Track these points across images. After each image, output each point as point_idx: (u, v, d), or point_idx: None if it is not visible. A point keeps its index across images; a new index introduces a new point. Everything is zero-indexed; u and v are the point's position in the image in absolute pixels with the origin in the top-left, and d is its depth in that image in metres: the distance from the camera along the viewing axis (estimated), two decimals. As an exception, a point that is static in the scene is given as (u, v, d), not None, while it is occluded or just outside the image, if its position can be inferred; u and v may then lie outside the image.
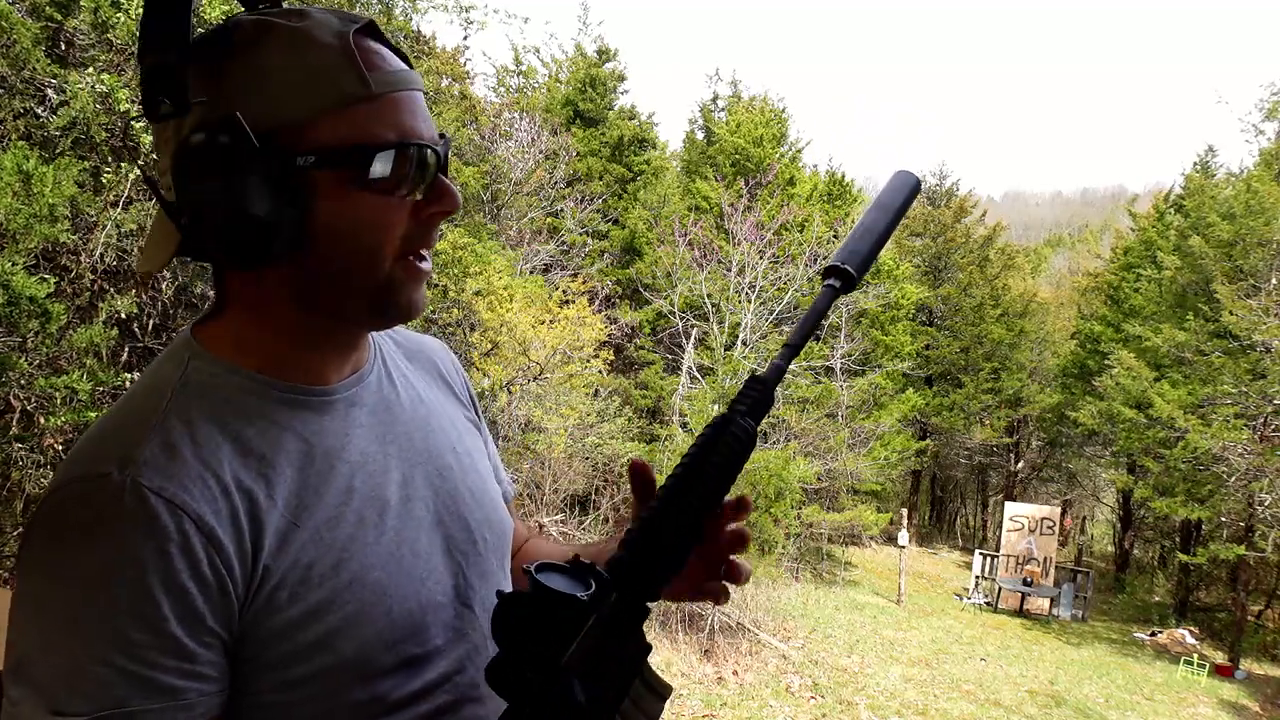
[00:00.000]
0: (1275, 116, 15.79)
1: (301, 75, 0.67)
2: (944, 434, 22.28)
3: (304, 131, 0.67)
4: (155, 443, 0.67)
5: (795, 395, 15.02)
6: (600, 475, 12.69)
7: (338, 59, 0.68)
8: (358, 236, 0.70)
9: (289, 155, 0.67)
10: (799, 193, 17.15)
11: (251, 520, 0.69)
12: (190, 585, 0.64)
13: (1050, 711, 9.52)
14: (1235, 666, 12.91)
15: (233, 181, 0.65)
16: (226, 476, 0.69)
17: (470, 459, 0.90)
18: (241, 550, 0.68)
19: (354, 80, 0.68)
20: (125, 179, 4.60)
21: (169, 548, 0.63)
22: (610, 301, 14.81)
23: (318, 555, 0.72)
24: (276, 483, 0.71)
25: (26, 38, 4.16)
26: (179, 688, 0.64)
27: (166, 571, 0.63)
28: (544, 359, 10.12)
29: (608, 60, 17.97)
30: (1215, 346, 14.09)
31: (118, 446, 0.67)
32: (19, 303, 3.71)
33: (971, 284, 22.54)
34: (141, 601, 0.62)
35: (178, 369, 0.73)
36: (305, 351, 0.76)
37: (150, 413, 0.69)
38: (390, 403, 0.84)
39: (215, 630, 0.66)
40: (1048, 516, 16.61)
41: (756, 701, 8.10)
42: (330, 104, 0.67)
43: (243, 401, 0.73)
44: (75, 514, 0.64)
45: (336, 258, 0.71)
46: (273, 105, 0.67)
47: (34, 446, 4.23)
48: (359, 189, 0.69)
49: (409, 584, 0.77)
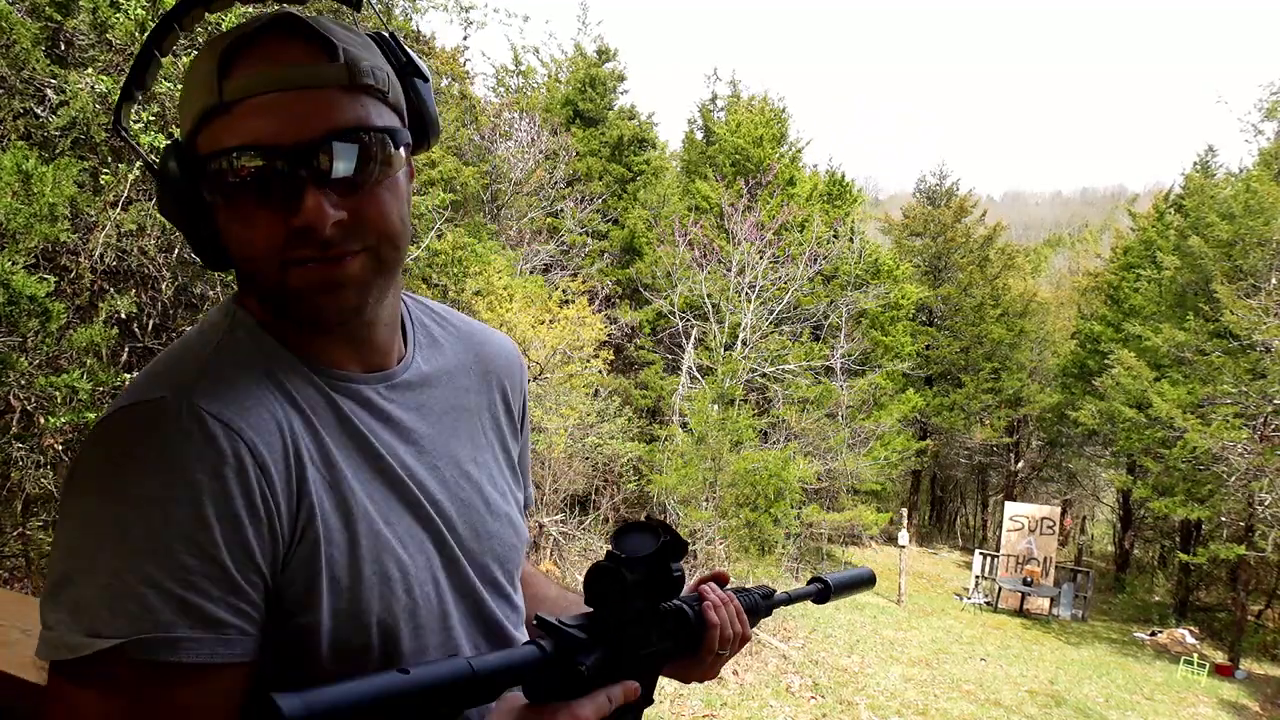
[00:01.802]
0: (1275, 116, 15.80)
1: (184, 94, 0.72)
2: (944, 434, 22.28)
3: (192, 147, 0.70)
4: (210, 375, 0.68)
5: (795, 395, 15.03)
6: (600, 475, 12.70)
7: (204, 73, 0.69)
8: (237, 249, 0.72)
9: (186, 169, 0.71)
10: (799, 193, 17.15)
11: (298, 463, 0.68)
12: (243, 514, 0.63)
13: (1050, 711, 9.52)
14: (1235, 666, 12.90)
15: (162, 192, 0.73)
16: (279, 414, 0.69)
17: (491, 470, 0.89)
18: (289, 491, 0.67)
19: (208, 93, 0.68)
20: (125, 179, 4.60)
21: (225, 471, 0.63)
22: (610, 301, 14.82)
23: (347, 522, 0.71)
24: (319, 442, 0.71)
25: (26, 38, 4.16)
26: (224, 620, 0.62)
27: (221, 496, 0.62)
28: (544, 359, 10.12)
29: (607, 60, 17.97)
30: (1215, 346, 14.09)
31: (172, 376, 0.68)
32: (19, 302, 3.71)
33: (971, 284, 22.54)
34: (195, 524, 0.61)
35: (226, 319, 0.75)
36: (311, 336, 0.76)
37: (203, 349, 0.71)
38: (422, 403, 0.83)
39: (260, 569, 0.65)
40: (1048, 516, 16.61)
41: (757, 701, 8.10)
42: (194, 116, 0.69)
43: (286, 360, 0.74)
44: (130, 435, 0.63)
45: (240, 268, 0.74)
46: (179, 130, 0.73)
47: (34, 446, 4.23)
48: (224, 201, 0.69)
49: (421, 576, 0.77)
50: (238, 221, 0.69)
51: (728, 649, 0.89)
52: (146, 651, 0.59)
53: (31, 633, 1.36)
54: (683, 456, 12.20)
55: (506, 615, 0.86)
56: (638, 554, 0.75)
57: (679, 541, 0.75)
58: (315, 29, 0.70)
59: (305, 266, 0.69)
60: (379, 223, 0.72)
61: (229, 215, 0.70)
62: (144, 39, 0.74)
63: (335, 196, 0.68)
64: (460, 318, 0.96)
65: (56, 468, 4.55)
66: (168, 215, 0.73)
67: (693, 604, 0.87)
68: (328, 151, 0.67)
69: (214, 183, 0.68)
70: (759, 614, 0.98)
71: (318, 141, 0.67)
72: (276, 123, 0.67)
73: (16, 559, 4.74)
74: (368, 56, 0.72)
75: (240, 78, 0.67)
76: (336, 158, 0.68)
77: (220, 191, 0.69)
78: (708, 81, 34.28)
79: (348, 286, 0.71)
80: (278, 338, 0.75)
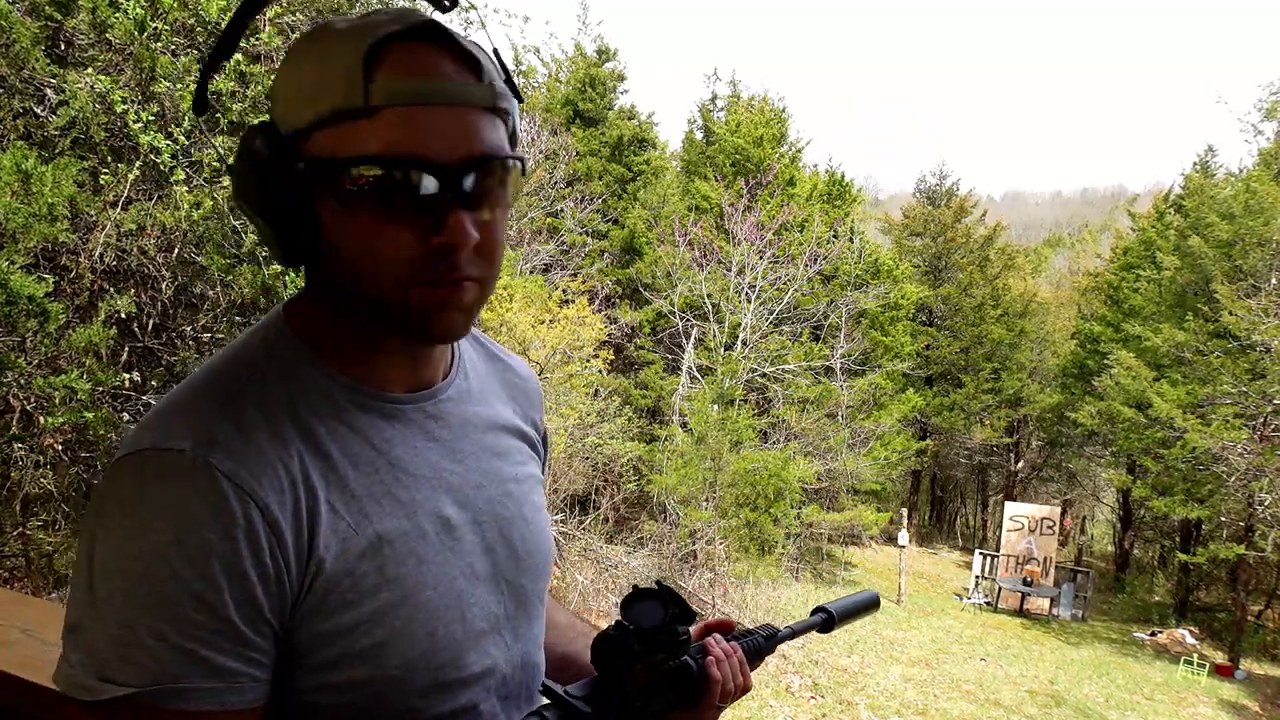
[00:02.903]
0: (1274, 116, 15.80)
1: (302, 88, 0.67)
2: (944, 434, 22.29)
3: (302, 143, 0.67)
4: (230, 424, 0.66)
5: (795, 395, 15.03)
6: (600, 475, 12.70)
7: (340, 69, 0.65)
8: (354, 257, 0.68)
9: (291, 164, 0.67)
10: (799, 193, 17.15)
11: (311, 517, 0.68)
12: (251, 573, 0.64)
13: (1050, 711, 9.52)
14: (1235, 666, 12.91)
15: (246, 180, 0.68)
16: (295, 469, 0.68)
17: (528, 487, 0.89)
18: (299, 545, 0.67)
19: (348, 92, 0.64)
20: (124, 179, 4.60)
21: (235, 533, 0.63)
22: (610, 301, 14.82)
23: (373, 565, 0.70)
24: (341, 485, 0.70)
25: (26, 37, 4.16)
26: (234, 669, 0.63)
27: (230, 556, 0.63)
28: (544, 359, 10.12)
29: (607, 60, 17.97)
30: (1215, 346, 14.09)
31: (193, 422, 0.66)
32: (18, 302, 3.71)
33: (971, 284, 22.54)
34: (203, 583, 0.62)
35: (262, 346, 0.73)
36: (367, 353, 0.74)
37: (228, 391, 0.69)
38: (466, 420, 0.82)
39: (269, 620, 0.66)
40: (1048, 516, 16.62)
41: (757, 701, 8.10)
42: (322, 114, 0.66)
43: (317, 396, 0.71)
44: (145, 485, 0.63)
45: (344, 274, 0.69)
46: (282, 117, 0.68)
47: (33, 446, 4.23)
48: (347, 206, 0.66)
49: (456, 607, 0.76)
50: (361, 230, 0.66)
51: (728, 702, 0.90)
52: (158, 700, 0.61)
53: (32, 633, 1.36)
54: (683, 456, 12.21)
55: (535, 635, 0.87)
56: (645, 624, 0.76)
57: (687, 611, 0.77)
58: (461, 44, 0.68)
59: (431, 287, 0.68)
60: (495, 253, 0.71)
61: (348, 221, 0.66)
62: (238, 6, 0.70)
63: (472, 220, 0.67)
64: (485, 338, 0.96)
65: (56, 467, 4.55)
66: (248, 203, 0.68)
67: (696, 657, 0.88)
68: (476, 174, 0.66)
69: (339, 187, 0.65)
70: (763, 655, 0.99)
71: (468, 163, 0.66)
72: (428, 138, 0.65)
73: (16, 559, 4.74)
74: (498, 78, 0.71)
75: (388, 81, 0.64)
76: (480, 182, 0.67)
77: (345, 197, 0.65)
78: (708, 81, 34.28)
79: (460, 311, 0.70)
80: (330, 353, 0.73)
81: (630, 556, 11.21)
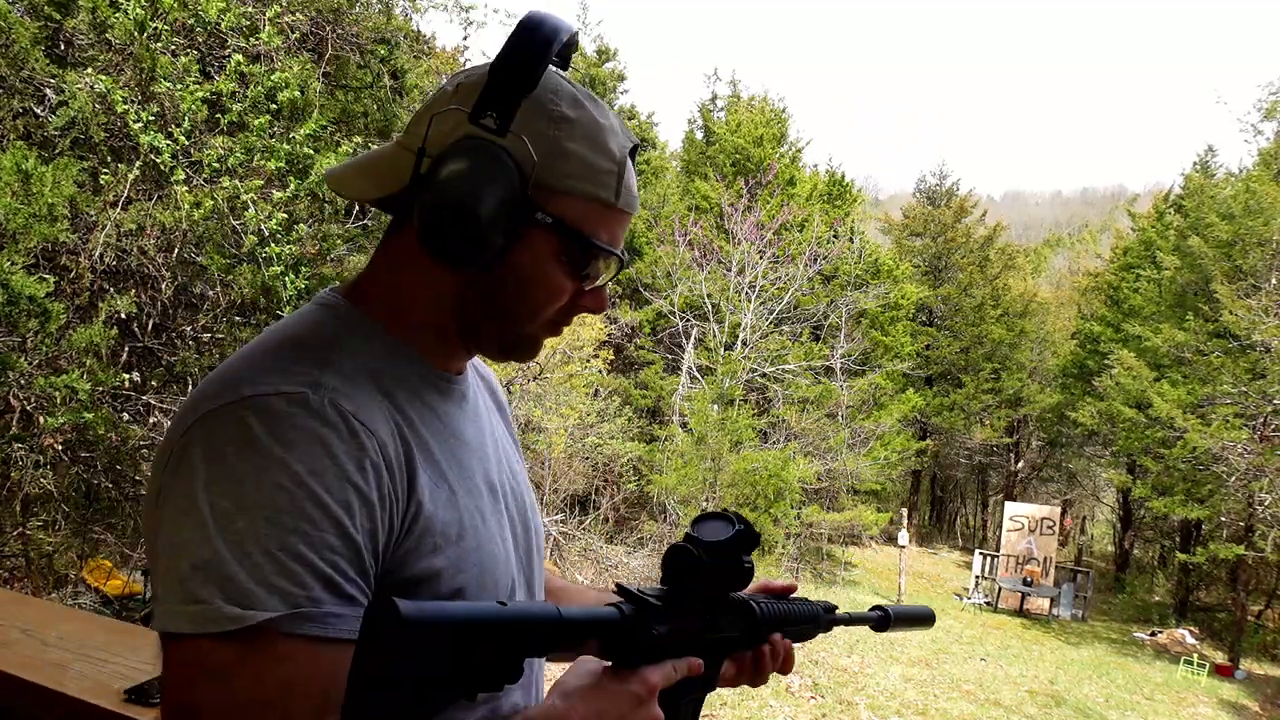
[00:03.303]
0: (1274, 116, 15.79)
1: (584, 163, 0.79)
2: (944, 434, 22.29)
3: (558, 200, 0.78)
4: (334, 374, 0.72)
5: (795, 395, 15.03)
6: (600, 475, 12.70)
7: (610, 165, 0.80)
8: (533, 292, 0.80)
9: (535, 206, 0.77)
10: (799, 193, 17.15)
11: (409, 462, 0.74)
12: (376, 504, 0.68)
13: (1050, 711, 9.52)
14: (1235, 666, 12.91)
15: (488, 190, 0.74)
16: (392, 418, 0.74)
17: (523, 469, 1.00)
18: (405, 485, 0.73)
19: (612, 189, 0.80)
20: (124, 179, 4.59)
21: (365, 463, 0.68)
22: (610, 301, 14.81)
23: (453, 516, 0.77)
24: (422, 443, 0.77)
25: (25, 37, 4.16)
26: (356, 599, 0.66)
27: (364, 485, 0.67)
28: (544, 359, 10.12)
29: (607, 60, 17.97)
30: (1215, 346, 14.09)
31: (298, 372, 0.70)
32: (18, 302, 3.71)
33: (971, 284, 22.55)
34: (341, 508, 0.65)
35: (335, 319, 0.79)
36: (442, 341, 0.83)
37: (320, 350, 0.74)
38: (478, 406, 0.92)
39: (379, 553, 0.70)
40: (1048, 516, 16.62)
41: (756, 701, 8.09)
42: (588, 194, 0.79)
43: (393, 367, 0.79)
44: (268, 425, 0.66)
45: (506, 297, 0.80)
46: (549, 169, 0.77)
47: (33, 446, 4.23)
48: (560, 262, 0.79)
49: (506, 564, 0.84)
50: (543, 275, 0.80)
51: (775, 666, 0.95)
52: (295, 626, 0.63)
53: (32, 633, 1.36)
54: (683, 456, 12.21)
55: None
56: (713, 540, 0.80)
57: (752, 533, 0.82)
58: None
59: (553, 326, 0.85)
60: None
61: (541, 265, 0.79)
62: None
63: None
64: None
65: (56, 467, 4.55)
66: (476, 203, 0.74)
67: (762, 602, 0.93)
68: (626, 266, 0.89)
69: (560, 247, 0.79)
70: (819, 626, 1.02)
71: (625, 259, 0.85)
72: (623, 238, 0.84)
73: (16, 559, 4.74)
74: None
75: (625, 193, 0.82)
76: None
77: (560, 254, 0.79)
78: (708, 81, 34.34)
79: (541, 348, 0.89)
80: (405, 331, 0.82)
81: (630, 556, 11.21)
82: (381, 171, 0.80)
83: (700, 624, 0.81)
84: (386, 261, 0.82)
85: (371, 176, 0.81)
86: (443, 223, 0.74)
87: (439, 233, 0.74)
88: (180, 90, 4.65)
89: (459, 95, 0.78)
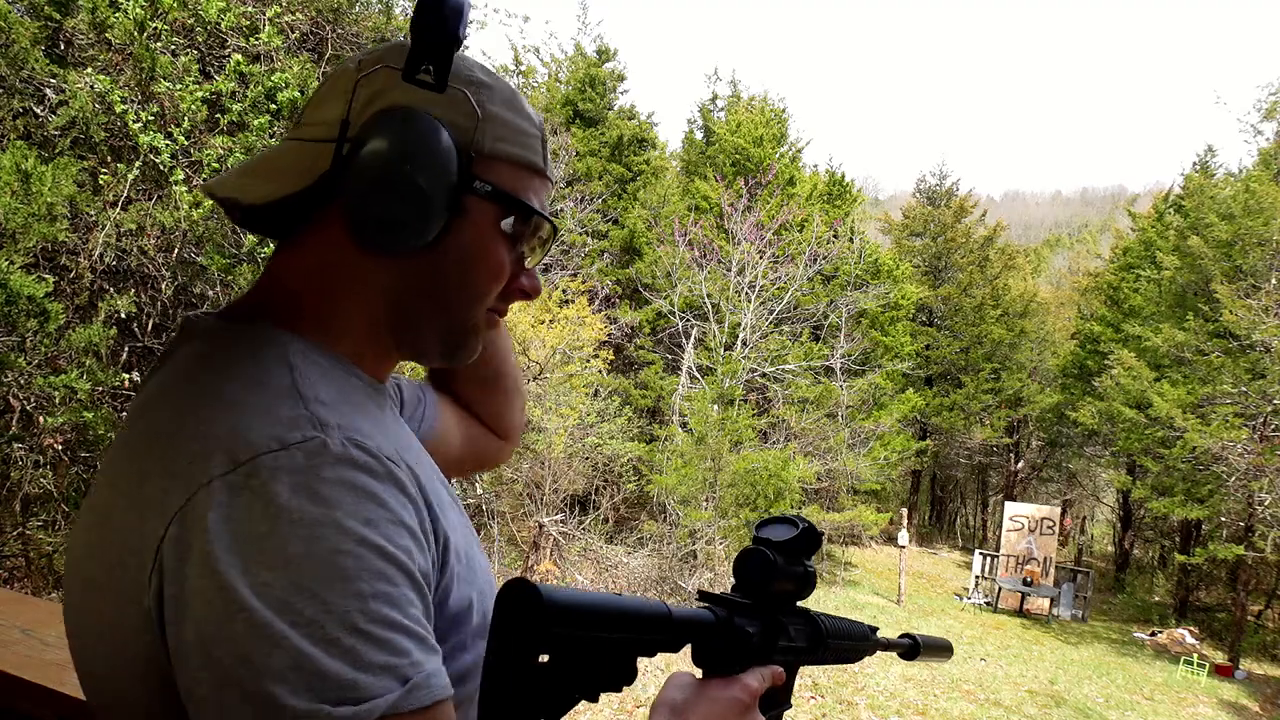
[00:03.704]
0: (1274, 117, 15.80)
1: (510, 127, 0.74)
2: (944, 434, 22.29)
3: (492, 166, 0.72)
4: (327, 410, 0.61)
5: (795, 395, 15.03)
6: (600, 475, 12.70)
7: (536, 133, 0.77)
8: (475, 272, 0.74)
9: (472, 174, 0.71)
10: (799, 193, 17.16)
11: (420, 486, 0.65)
12: (421, 537, 0.61)
13: (1050, 711, 9.52)
14: (1235, 666, 12.91)
15: (429, 159, 0.67)
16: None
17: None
18: (427, 513, 0.64)
19: (539, 154, 0.77)
20: (124, 179, 4.59)
21: (405, 499, 0.60)
22: (610, 301, 14.81)
23: (459, 536, 0.69)
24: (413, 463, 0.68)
25: (25, 37, 4.16)
26: (438, 647, 0.59)
27: (411, 522, 0.60)
28: (544, 359, 10.12)
29: (607, 60, 17.97)
30: (1215, 346, 14.09)
31: (290, 418, 0.58)
32: (17, 302, 3.71)
33: (971, 284, 22.55)
34: (404, 554, 0.57)
35: (271, 348, 0.65)
36: (374, 347, 0.74)
37: (290, 388, 0.62)
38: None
39: (433, 590, 0.63)
40: (1048, 516, 16.62)
41: (756, 701, 8.11)
42: (519, 159, 0.74)
43: (351, 388, 0.69)
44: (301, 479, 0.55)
45: (447, 281, 0.73)
46: (484, 135, 0.72)
47: (33, 446, 4.23)
48: (499, 233, 0.74)
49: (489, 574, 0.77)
50: (482, 249, 0.73)
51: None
52: (416, 700, 0.54)
53: (31, 633, 1.36)
54: (683, 456, 12.20)
55: None
56: (780, 539, 0.80)
57: (815, 532, 0.81)
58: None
59: (495, 323, 0.80)
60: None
61: (480, 239, 0.73)
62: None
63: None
64: None
65: (56, 467, 4.55)
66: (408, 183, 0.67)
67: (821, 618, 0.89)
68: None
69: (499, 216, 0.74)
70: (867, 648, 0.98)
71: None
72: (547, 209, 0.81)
73: (16, 559, 4.74)
74: None
75: (549, 160, 0.79)
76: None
77: (499, 224, 0.74)
78: (708, 81, 34.34)
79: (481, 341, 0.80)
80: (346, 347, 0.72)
81: (630, 556, 11.20)
82: (282, 168, 0.70)
83: (779, 630, 0.79)
84: (299, 269, 0.71)
85: (267, 176, 0.70)
86: (385, 202, 0.66)
87: (378, 215, 0.67)
88: (180, 90, 4.65)
89: (368, 67, 0.70)
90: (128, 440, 0.64)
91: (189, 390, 0.62)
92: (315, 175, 0.68)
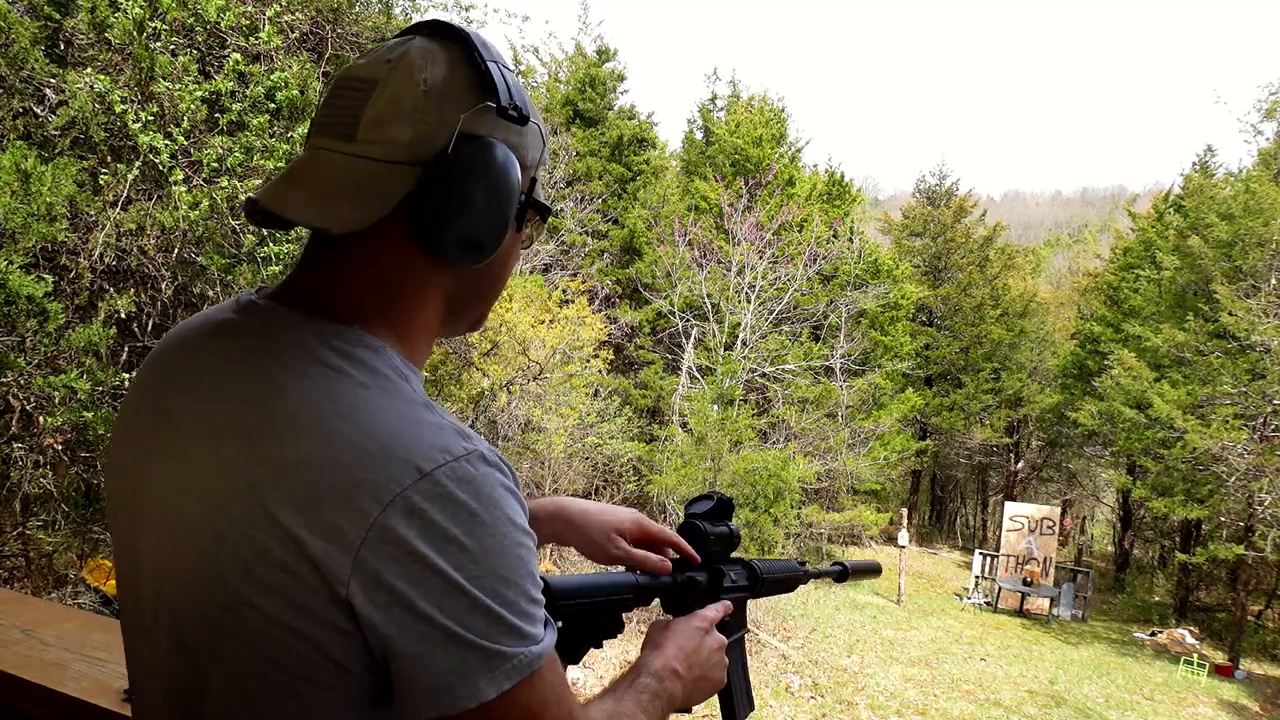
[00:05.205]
0: (1274, 116, 15.79)
1: (539, 137, 0.81)
2: (944, 434, 22.29)
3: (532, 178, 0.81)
4: (453, 418, 0.73)
5: (795, 395, 15.02)
6: (600, 475, 12.70)
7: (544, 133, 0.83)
8: (509, 268, 0.84)
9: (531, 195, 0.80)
10: (798, 193, 17.16)
11: None
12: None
13: (1050, 711, 9.52)
14: (1235, 666, 12.91)
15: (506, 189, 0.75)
16: None
17: None
18: None
19: (543, 155, 0.83)
20: (124, 179, 4.59)
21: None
22: (610, 301, 14.81)
23: None
24: None
25: (25, 37, 4.16)
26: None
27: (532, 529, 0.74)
28: (544, 359, 10.11)
29: (607, 60, 17.97)
30: (1215, 346, 14.09)
31: (453, 430, 0.70)
32: (17, 302, 3.71)
33: (971, 284, 22.55)
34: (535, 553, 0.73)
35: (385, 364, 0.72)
36: (427, 346, 0.82)
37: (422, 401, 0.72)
38: None
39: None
40: (1048, 516, 16.62)
41: (756, 701, 8.10)
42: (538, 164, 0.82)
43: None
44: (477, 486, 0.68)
45: (490, 282, 0.83)
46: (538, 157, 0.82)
47: (33, 446, 4.22)
48: (520, 236, 0.82)
49: None
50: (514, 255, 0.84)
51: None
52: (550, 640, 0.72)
53: (31, 633, 1.35)
54: (682, 456, 12.20)
55: None
56: (703, 511, 1.07)
57: (727, 500, 1.09)
58: None
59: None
60: None
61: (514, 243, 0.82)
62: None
63: None
64: None
65: (56, 467, 4.54)
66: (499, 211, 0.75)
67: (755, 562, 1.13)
68: None
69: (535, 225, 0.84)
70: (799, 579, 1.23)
71: None
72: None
73: (16, 559, 4.74)
74: None
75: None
76: None
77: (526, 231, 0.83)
78: (708, 81, 34.35)
79: None
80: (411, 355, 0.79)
81: (630, 556, 11.19)
82: (365, 189, 0.71)
83: (720, 576, 1.05)
84: (369, 277, 0.74)
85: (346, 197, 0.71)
86: (470, 226, 0.73)
87: (461, 235, 0.73)
88: (179, 90, 4.65)
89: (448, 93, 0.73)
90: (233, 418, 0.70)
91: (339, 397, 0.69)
92: (400, 196, 0.71)
